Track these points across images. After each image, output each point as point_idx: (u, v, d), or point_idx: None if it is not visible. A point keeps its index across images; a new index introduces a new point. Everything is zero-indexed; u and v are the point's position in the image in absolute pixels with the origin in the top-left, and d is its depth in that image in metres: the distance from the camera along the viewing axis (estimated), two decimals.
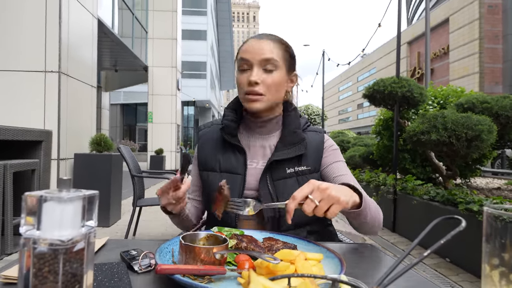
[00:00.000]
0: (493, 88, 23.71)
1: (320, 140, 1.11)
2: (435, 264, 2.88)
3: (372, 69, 44.77)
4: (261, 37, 1.04)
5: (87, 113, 4.60)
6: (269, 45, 1.01)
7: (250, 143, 1.11)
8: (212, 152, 1.10)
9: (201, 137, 1.17)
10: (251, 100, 1.01)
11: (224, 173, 1.06)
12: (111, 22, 7.87)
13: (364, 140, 8.28)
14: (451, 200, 3.02)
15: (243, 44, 1.06)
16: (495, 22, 24.67)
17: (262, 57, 1.00)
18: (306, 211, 0.72)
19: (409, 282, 0.65)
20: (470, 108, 3.99)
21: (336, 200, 0.73)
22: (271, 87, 1.01)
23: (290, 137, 1.06)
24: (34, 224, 0.39)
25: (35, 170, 3.17)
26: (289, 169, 1.03)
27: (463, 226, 0.45)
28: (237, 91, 1.07)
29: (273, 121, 1.10)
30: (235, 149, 1.07)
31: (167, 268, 0.57)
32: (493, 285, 0.39)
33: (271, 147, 1.09)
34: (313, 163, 1.07)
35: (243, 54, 1.02)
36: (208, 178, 1.09)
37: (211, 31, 29.26)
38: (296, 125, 1.08)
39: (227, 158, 1.07)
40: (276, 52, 1.02)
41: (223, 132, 1.08)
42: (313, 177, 1.05)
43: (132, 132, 30.20)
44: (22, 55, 3.82)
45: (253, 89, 1.00)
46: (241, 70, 1.03)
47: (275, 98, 1.04)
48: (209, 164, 1.09)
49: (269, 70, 1.01)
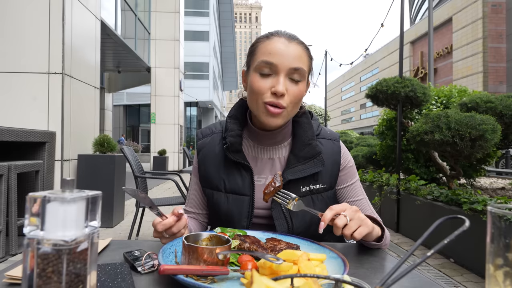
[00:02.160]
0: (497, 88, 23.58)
1: (337, 151, 1.01)
2: (439, 265, 2.86)
3: (375, 69, 44.65)
4: (290, 40, 0.90)
5: (90, 114, 4.62)
6: (298, 51, 0.89)
7: (257, 155, 1.01)
8: (214, 168, 1.00)
9: (201, 149, 1.04)
10: (273, 113, 0.88)
11: (230, 194, 0.97)
12: (114, 23, 7.90)
13: (367, 140, 8.25)
14: (455, 200, 3.01)
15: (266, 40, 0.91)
16: (499, 21, 24.54)
17: (292, 65, 0.87)
18: (338, 225, 0.72)
19: (413, 283, 0.65)
20: (474, 107, 3.96)
21: (365, 223, 0.75)
22: (294, 100, 0.90)
23: (304, 150, 0.95)
24: (38, 224, 0.39)
25: (39, 171, 3.19)
26: (303, 188, 0.95)
27: (466, 226, 0.44)
28: (250, 97, 0.93)
29: (283, 131, 0.99)
30: (240, 166, 0.97)
31: (170, 269, 0.57)
32: (497, 285, 0.38)
33: (281, 160, 1.00)
34: (329, 180, 0.99)
35: (269, 56, 0.88)
36: (213, 197, 1.00)
37: (213, 32, 29.31)
38: (310, 135, 0.97)
39: (232, 177, 0.97)
40: (304, 61, 0.91)
41: (227, 151, 0.96)
42: (328, 195, 0.99)
43: (135, 133, 30.30)
44: (25, 57, 3.84)
45: (277, 101, 0.87)
46: (262, 74, 0.89)
47: (294, 112, 0.94)
48: (213, 183, 1.00)
49: (296, 81, 0.89)
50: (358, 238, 0.73)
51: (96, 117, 4.77)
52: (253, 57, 0.93)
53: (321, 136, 1.02)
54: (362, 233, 0.73)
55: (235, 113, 1.02)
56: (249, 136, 1.02)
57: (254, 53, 0.93)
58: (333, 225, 0.74)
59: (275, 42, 0.89)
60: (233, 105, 1.08)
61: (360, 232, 0.73)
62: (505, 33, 24.37)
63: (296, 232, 0.93)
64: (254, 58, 0.93)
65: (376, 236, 0.82)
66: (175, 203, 3.10)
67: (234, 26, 38.53)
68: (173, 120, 11.39)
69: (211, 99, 27.94)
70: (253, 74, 0.91)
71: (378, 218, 1.02)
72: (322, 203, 0.97)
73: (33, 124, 3.70)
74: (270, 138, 0.99)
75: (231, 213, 0.96)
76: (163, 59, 11.26)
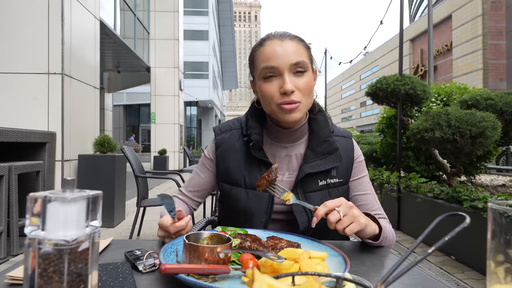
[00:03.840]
0: (497, 85, 23.55)
1: (350, 148, 1.05)
2: (440, 262, 2.87)
3: (375, 67, 44.59)
4: (282, 38, 0.93)
5: (90, 115, 4.62)
6: (293, 46, 0.92)
7: (275, 152, 1.04)
8: (235, 164, 1.02)
9: (221, 144, 1.06)
10: (289, 110, 0.91)
11: (250, 190, 0.99)
12: (113, 23, 7.89)
13: (367, 138, 8.26)
14: (456, 197, 3.01)
15: (260, 48, 0.95)
16: (499, 18, 24.48)
17: (292, 61, 0.90)
18: (331, 220, 0.74)
19: (414, 280, 0.65)
20: (474, 105, 3.96)
21: (357, 220, 0.76)
22: (306, 92, 0.92)
23: (322, 146, 0.99)
24: (39, 224, 0.39)
25: (39, 172, 3.19)
26: (321, 181, 0.98)
27: (467, 222, 0.44)
28: (263, 103, 0.97)
29: (300, 128, 1.02)
30: (260, 162, 1.00)
31: (171, 268, 0.57)
32: (498, 282, 0.38)
33: (297, 156, 1.03)
34: (344, 175, 1.02)
35: (268, 62, 0.91)
36: (232, 192, 1.02)
37: (212, 31, 29.27)
38: (327, 132, 1.01)
39: (253, 173, 1.00)
40: (302, 52, 0.93)
41: (252, 149, 0.99)
42: (343, 189, 1.02)
43: (135, 133, 30.30)
44: (25, 57, 3.84)
45: (289, 99, 0.90)
46: (267, 79, 0.92)
47: (309, 103, 0.96)
48: (233, 179, 1.02)
49: (301, 72, 0.92)
50: (349, 234, 0.75)
51: (96, 117, 4.78)
52: (254, 67, 0.98)
53: (335, 133, 1.06)
54: (353, 229, 0.75)
55: (254, 113, 1.05)
56: (267, 135, 1.05)
57: (253, 63, 0.98)
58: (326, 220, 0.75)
59: (269, 46, 0.93)
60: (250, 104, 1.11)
61: (351, 228, 0.74)
62: (505, 30, 24.32)
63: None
64: (255, 67, 0.97)
65: (371, 234, 0.82)
66: None
67: (234, 25, 38.48)
68: (173, 119, 11.39)
69: (211, 99, 27.93)
70: (260, 82, 0.95)
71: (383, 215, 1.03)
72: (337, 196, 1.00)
73: (33, 125, 3.70)
74: (288, 135, 1.02)
75: (250, 209, 0.99)
76: (163, 59, 11.25)
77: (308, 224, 0.95)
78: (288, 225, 0.99)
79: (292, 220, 0.97)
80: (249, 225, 0.97)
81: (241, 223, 0.99)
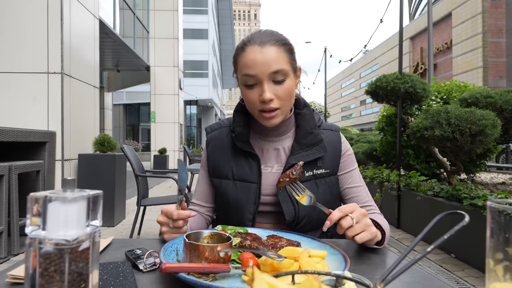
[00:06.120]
0: (497, 83, 23.53)
1: (337, 140, 1.08)
2: (440, 260, 2.87)
3: (375, 65, 44.53)
4: (262, 44, 0.91)
5: (90, 114, 4.62)
6: (273, 52, 0.91)
7: (263, 146, 1.07)
8: (223, 158, 1.06)
9: (211, 141, 1.11)
10: (268, 117, 0.94)
11: (238, 181, 1.02)
12: (112, 22, 7.88)
13: (367, 136, 8.26)
14: (456, 195, 3.01)
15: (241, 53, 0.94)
16: (499, 16, 24.44)
17: (271, 70, 0.90)
18: (343, 225, 0.74)
19: (414, 278, 0.65)
20: (474, 103, 3.96)
21: (369, 229, 0.76)
22: (285, 97, 0.94)
23: (307, 138, 1.02)
24: (39, 224, 0.39)
25: (39, 171, 3.19)
26: (307, 172, 1.00)
27: (466, 221, 0.44)
28: (246, 105, 1.00)
29: (285, 123, 1.05)
30: (247, 155, 1.03)
31: (171, 267, 0.57)
32: (497, 279, 0.39)
33: (285, 149, 1.06)
34: (331, 166, 1.04)
35: (247, 70, 0.92)
36: (221, 186, 1.05)
37: (212, 30, 29.23)
38: (312, 124, 1.04)
39: (240, 165, 1.03)
40: (282, 59, 0.92)
41: (236, 140, 1.03)
42: (330, 180, 1.04)
43: (135, 132, 30.29)
44: (24, 57, 3.84)
45: (268, 107, 0.92)
46: (248, 86, 0.94)
47: (290, 105, 0.99)
48: (221, 172, 1.06)
49: (280, 81, 0.92)
50: (359, 242, 0.74)
51: (96, 117, 4.77)
52: (236, 69, 0.99)
53: (322, 127, 1.10)
54: (364, 238, 0.74)
55: (240, 108, 1.08)
56: (254, 130, 1.09)
57: (236, 65, 0.99)
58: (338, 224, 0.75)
59: (249, 53, 0.92)
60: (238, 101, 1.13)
61: (361, 237, 0.74)
62: (505, 27, 24.28)
63: (302, 215, 0.97)
64: (238, 70, 0.98)
65: (376, 241, 0.83)
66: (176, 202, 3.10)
67: (233, 23, 38.44)
68: (173, 118, 11.38)
69: (210, 97, 27.91)
70: (242, 87, 0.97)
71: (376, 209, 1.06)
72: (325, 186, 1.03)
73: (33, 124, 3.70)
74: (274, 129, 1.05)
75: (239, 200, 1.01)
76: (163, 58, 11.24)
77: (294, 214, 0.97)
78: (277, 217, 1.01)
79: (280, 212, 0.99)
80: (239, 216, 1.00)
81: (231, 216, 1.02)
